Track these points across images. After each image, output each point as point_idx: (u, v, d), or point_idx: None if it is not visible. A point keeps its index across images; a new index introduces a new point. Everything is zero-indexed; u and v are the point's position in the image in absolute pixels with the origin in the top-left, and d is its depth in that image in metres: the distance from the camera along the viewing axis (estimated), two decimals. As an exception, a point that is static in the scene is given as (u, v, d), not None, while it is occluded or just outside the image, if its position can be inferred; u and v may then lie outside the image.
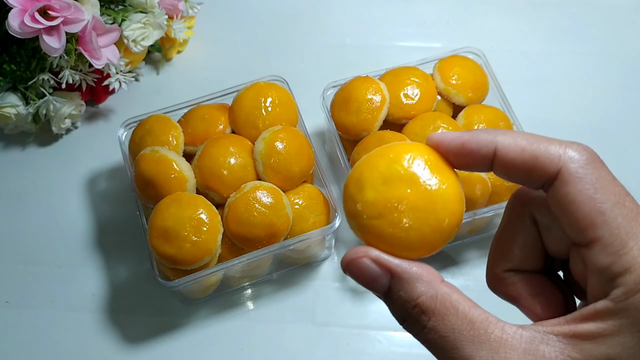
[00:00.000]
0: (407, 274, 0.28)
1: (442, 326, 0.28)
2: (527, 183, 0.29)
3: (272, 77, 0.63)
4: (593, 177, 0.27)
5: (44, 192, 0.68)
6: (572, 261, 0.29)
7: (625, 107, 0.73)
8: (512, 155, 0.28)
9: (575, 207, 0.27)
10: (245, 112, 0.60)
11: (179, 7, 0.70)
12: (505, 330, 0.27)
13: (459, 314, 0.28)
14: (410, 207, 0.29)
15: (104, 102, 0.73)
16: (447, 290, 0.28)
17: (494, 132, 0.29)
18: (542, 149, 0.28)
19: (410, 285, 0.28)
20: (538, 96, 0.74)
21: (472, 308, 0.28)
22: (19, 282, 0.64)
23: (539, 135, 0.29)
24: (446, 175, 0.30)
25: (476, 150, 0.29)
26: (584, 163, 0.27)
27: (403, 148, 0.30)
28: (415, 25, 0.79)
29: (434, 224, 0.29)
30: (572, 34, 0.78)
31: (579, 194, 0.27)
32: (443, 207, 0.29)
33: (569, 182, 0.27)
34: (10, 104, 0.64)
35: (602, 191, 0.27)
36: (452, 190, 0.30)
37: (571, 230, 0.27)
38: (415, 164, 0.30)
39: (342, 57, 0.77)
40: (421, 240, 0.29)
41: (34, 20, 0.56)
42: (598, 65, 0.76)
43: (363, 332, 0.61)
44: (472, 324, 0.27)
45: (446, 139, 0.30)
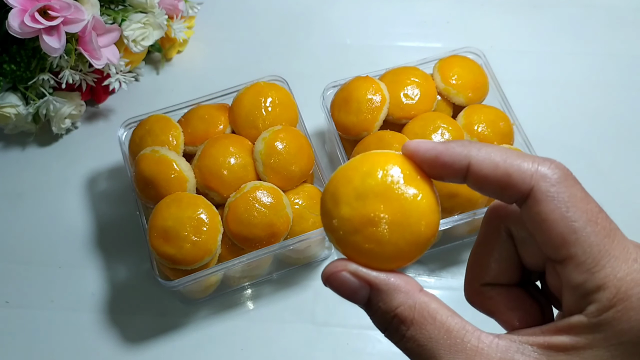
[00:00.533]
0: (386, 286, 0.29)
1: (420, 335, 0.28)
2: (500, 198, 0.29)
3: (272, 77, 0.63)
4: (565, 195, 0.27)
5: (44, 192, 0.68)
6: (548, 275, 0.30)
7: (625, 107, 0.73)
8: (485, 171, 0.28)
9: (548, 226, 0.27)
10: (245, 112, 0.60)
11: (179, 7, 0.70)
12: (482, 339, 0.28)
13: (437, 323, 0.28)
14: (385, 222, 0.29)
15: (104, 102, 0.73)
16: (425, 300, 0.29)
17: (469, 146, 0.29)
18: (514, 166, 0.28)
19: (389, 296, 0.29)
20: (538, 96, 0.74)
21: (450, 317, 0.28)
22: (19, 282, 0.64)
23: (513, 151, 0.29)
24: (420, 186, 0.30)
25: (450, 163, 0.29)
26: (555, 181, 0.27)
27: (377, 159, 0.30)
28: (415, 25, 0.79)
29: (409, 237, 0.29)
30: (572, 34, 0.78)
31: (551, 212, 0.27)
32: (418, 219, 0.29)
33: (541, 201, 0.27)
34: (10, 104, 0.64)
35: (574, 209, 0.27)
36: (426, 201, 0.29)
37: (545, 247, 0.28)
38: (389, 177, 0.29)
39: (342, 57, 0.77)
40: (398, 253, 0.29)
41: (34, 20, 0.56)
42: (598, 65, 0.76)
43: (363, 332, 0.61)
44: (449, 333, 0.28)
45: (421, 149, 0.30)
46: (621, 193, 0.68)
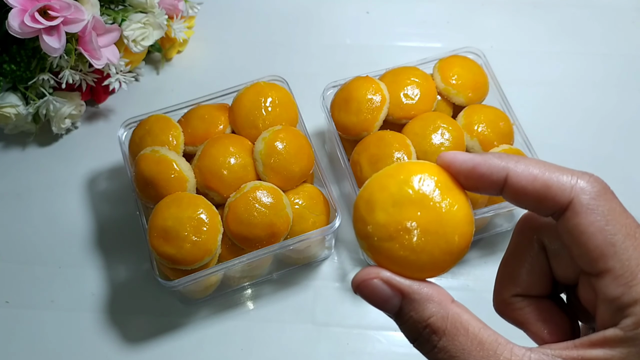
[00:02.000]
0: (418, 295, 0.29)
1: (452, 346, 0.28)
2: (537, 210, 0.29)
3: (272, 77, 0.63)
4: (605, 209, 0.27)
5: (44, 192, 0.68)
6: (581, 288, 0.30)
7: (625, 107, 0.73)
8: (523, 183, 0.28)
9: (587, 238, 0.27)
10: (245, 112, 0.60)
11: (179, 7, 0.70)
12: (514, 352, 0.27)
13: (469, 335, 0.28)
14: (421, 230, 0.29)
15: (104, 102, 0.73)
16: (457, 311, 0.29)
17: (507, 158, 0.29)
18: (554, 179, 0.28)
19: (422, 306, 0.29)
20: (538, 96, 0.74)
21: (482, 329, 0.28)
22: (19, 282, 0.64)
23: (551, 164, 0.29)
24: (456, 197, 0.30)
25: (487, 174, 0.29)
26: (595, 195, 0.28)
27: (413, 168, 0.30)
28: (415, 25, 0.79)
29: (444, 246, 0.29)
30: (572, 34, 0.78)
31: (591, 225, 0.27)
32: (453, 229, 0.29)
33: (580, 214, 0.27)
34: (10, 104, 0.64)
35: (614, 223, 0.27)
36: (462, 212, 0.30)
37: (582, 260, 0.28)
38: (425, 185, 0.30)
39: (342, 57, 0.77)
40: (432, 262, 0.29)
41: (34, 20, 0.56)
42: (598, 65, 0.76)
43: (363, 332, 0.61)
44: (482, 345, 0.28)
45: (457, 160, 0.30)
46: (621, 193, 0.68)
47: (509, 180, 0.29)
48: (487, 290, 0.34)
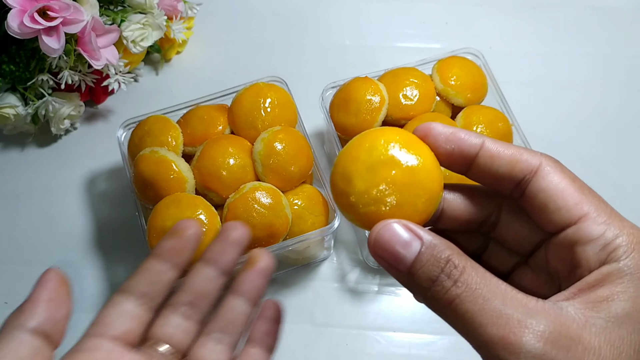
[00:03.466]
0: (439, 240, 0.30)
1: (473, 280, 0.28)
2: (504, 180, 0.32)
3: (271, 77, 0.63)
4: (566, 170, 0.31)
5: (43, 192, 0.68)
6: (548, 253, 0.32)
7: (625, 107, 0.73)
8: (500, 148, 0.31)
9: (561, 191, 0.30)
10: (245, 113, 0.60)
11: (178, 8, 0.70)
12: (529, 297, 0.28)
13: (487, 275, 0.29)
14: (399, 186, 0.32)
15: (103, 103, 0.73)
16: (472, 260, 0.30)
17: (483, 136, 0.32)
18: (523, 150, 0.32)
19: (442, 247, 0.29)
20: (537, 97, 0.74)
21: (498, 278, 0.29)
22: (18, 282, 0.63)
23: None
24: (420, 150, 0.32)
25: (466, 139, 0.32)
26: (556, 161, 0.32)
27: (376, 134, 0.33)
28: (414, 26, 0.79)
29: (422, 194, 0.32)
30: (572, 34, 0.79)
31: (562, 180, 0.30)
32: (426, 177, 0.32)
33: (551, 173, 0.31)
34: (9, 104, 0.64)
35: (577, 180, 0.31)
36: (429, 161, 0.32)
37: (557, 214, 0.30)
38: (391, 147, 0.32)
39: (341, 57, 0.77)
40: (416, 212, 0.32)
41: (33, 21, 0.56)
42: (598, 65, 0.76)
43: (362, 333, 0.61)
44: (500, 286, 0.28)
45: (436, 128, 0.33)
46: (621, 193, 0.68)
47: (486, 146, 0.31)
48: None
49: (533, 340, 0.27)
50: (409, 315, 0.62)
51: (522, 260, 0.34)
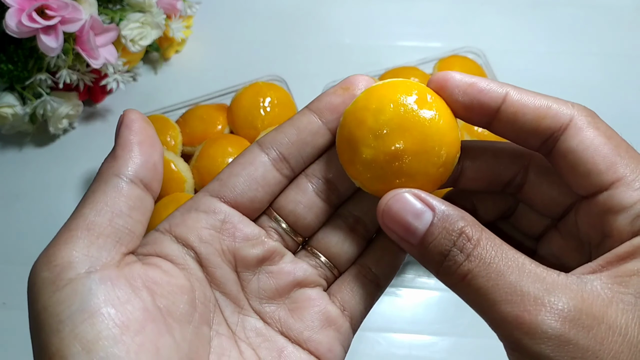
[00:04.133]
0: (453, 209, 0.27)
1: (488, 254, 0.26)
2: (532, 134, 0.28)
3: (270, 77, 0.63)
4: (603, 125, 0.28)
5: (41, 192, 0.68)
6: (577, 217, 0.29)
7: (625, 107, 0.73)
8: (525, 100, 0.28)
9: (594, 151, 0.27)
10: (244, 112, 0.60)
11: (177, 7, 0.69)
12: (550, 271, 0.26)
13: (504, 247, 0.26)
14: (410, 153, 0.29)
15: (102, 102, 0.72)
16: (488, 230, 0.27)
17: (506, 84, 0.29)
18: (552, 100, 0.28)
19: (455, 218, 0.27)
20: (538, 96, 0.74)
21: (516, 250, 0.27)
22: (17, 283, 0.63)
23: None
24: (434, 109, 0.29)
25: (486, 90, 0.28)
26: (592, 114, 0.28)
27: (384, 93, 0.30)
28: (414, 25, 0.79)
29: (436, 161, 0.29)
30: (572, 34, 0.78)
31: (595, 138, 0.27)
32: (440, 142, 0.29)
33: (583, 129, 0.28)
34: (7, 104, 0.64)
35: (615, 137, 0.28)
36: (445, 123, 0.29)
37: (588, 177, 0.27)
38: (401, 107, 0.29)
39: (341, 56, 0.77)
40: (429, 180, 0.29)
41: (32, 20, 0.56)
42: (598, 65, 0.76)
43: (362, 334, 0.60)
44: (517, 258, 0.26)
45: (455, 78, 0.29)
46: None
47: (509, 98, 0.28)
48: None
49: (550, 320, 0.24)
50: (410, 316, 0.61)
51: (553, 224, 0.31)
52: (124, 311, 0.25)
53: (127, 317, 0.24)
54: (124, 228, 0.27)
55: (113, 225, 0.27)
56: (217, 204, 0.30)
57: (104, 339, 0.24)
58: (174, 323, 0.26)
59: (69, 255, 0.25)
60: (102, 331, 0.24)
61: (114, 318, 0.24)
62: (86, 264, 0.25)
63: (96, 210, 0.27)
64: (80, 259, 0.25)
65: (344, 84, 0.31)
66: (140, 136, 0.29)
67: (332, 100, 0.31)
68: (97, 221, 0.27)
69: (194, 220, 0.29)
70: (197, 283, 0.29)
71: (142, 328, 0.25)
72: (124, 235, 0.27)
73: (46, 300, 0.24)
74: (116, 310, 0.24)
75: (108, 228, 0.27)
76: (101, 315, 0.24)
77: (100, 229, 0.26)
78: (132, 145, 0.29)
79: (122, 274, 0.26)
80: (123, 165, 0.28)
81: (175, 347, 0.26)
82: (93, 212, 0.27)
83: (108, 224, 0.27)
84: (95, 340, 0.23)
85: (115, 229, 0.27)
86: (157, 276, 0.27)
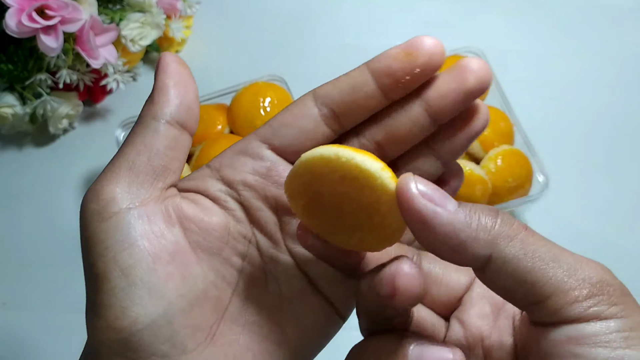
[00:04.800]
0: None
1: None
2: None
3: (270, 76, 0.63)
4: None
5: (41, 192, 0.68)
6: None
7: (625, 107, 0.73)
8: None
9: (523, 266, 0.26)
10: (244, 112, 0.59)
11: (177, 7, 0.69)
12: None
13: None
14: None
15: (102, 102, 0.72)
16: None
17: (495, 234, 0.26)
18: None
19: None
20: (538, 96, 0.74)
21: None
22: (16, 283, 0.63)
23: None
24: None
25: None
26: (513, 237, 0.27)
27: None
28: (415, 25, 0.79)
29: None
30: (572, 34, 0.78)
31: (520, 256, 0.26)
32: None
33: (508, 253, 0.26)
34: (7, 104, 0.64)
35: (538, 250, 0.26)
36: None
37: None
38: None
39: (341, 56, 0.76)
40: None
41: (32, 20, 0.56)
42: (598, 65, 0.76)
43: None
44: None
45: (437, 219, 0.25)
46: (622, 192, 0.67)
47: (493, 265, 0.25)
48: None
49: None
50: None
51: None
52: (157, 244, 0.28)
53: (159, 249, 0.28)
54: (161, 166, 0.30)
55: (151, 164, 0.29)
56: (265, 151, 0.31)
57: (139, 267, 0.27)
58: (202, 255, 0.30)
59: (113, 192, 0.29)
60: (138, 260, 0.28)
61: (148, 249, 0.28)
62: (127, 200, 0.29)
63: (136, 151, 0.30)
64: (122, 196, 0.29)
65: (407, 47, 0.31)
66: (175, 78, 0.31)
67: (393, 65, 0.31)
68: (137, 160, 0.29)
69: (241, 163, 0.31)
70: (233, 221, 0.31)
71: (172, 259, 0.28)
72: (162, 173, 0.30)
73: (94, 228, 0.29)
74: (150, 243, 0.28)
75: (147, 167, 0.29)
76: (137, 247, 0.28)
77: (139, 167, 0.29)
78: (168, 89, 0.30)
79: (159, 210, 0.29)
80: (159, 109, 0.30)
81: (201, 275, 0.29)
82: (134, 152, 0.30)
83: (147, 163, 0.29)
84: (132, 267, 0.27)
85: (153, 167, 0.30)
86: (191, 212, 0.30)
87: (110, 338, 0.28)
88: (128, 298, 0.28)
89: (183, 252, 0.29)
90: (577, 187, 0.67)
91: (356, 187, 0.26)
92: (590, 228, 0.64)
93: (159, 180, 0.30)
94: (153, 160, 0.29)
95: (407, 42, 0.31)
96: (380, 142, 0.32)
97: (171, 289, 0.28)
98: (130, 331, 0.27)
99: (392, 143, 0.31)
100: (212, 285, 0.30)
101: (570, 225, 0.65)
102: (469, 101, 0.32)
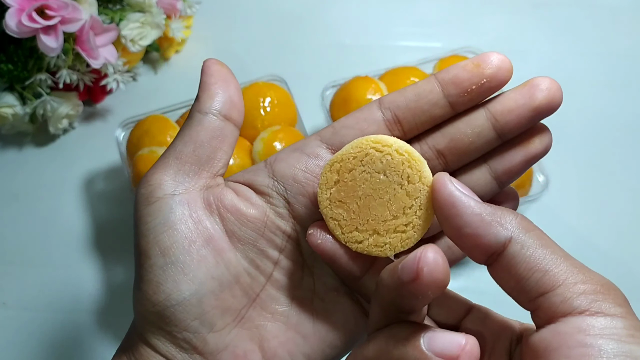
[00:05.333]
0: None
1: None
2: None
3: (270, 76, 0.63)
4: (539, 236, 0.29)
5: (41, 192, 0.68)
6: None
7: (625, 106, 0.73)
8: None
9: (533, 261, 0.28)
10: (244, 112, 0.59)
11: (177, 7, 0.69)
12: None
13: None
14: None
15: (102, 102, 0.72)
16: None
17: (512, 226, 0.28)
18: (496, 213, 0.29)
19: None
20: (538, 96, 0.74)
21: None
22: (16, 283, 0.63)
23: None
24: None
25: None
26: (527, 229, 0.29)
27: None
28: (415, 25, 0.79)
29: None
30: (572, 34, 0.78)
31: (534, 250, 0.28)
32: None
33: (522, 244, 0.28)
34: (7, 104, 0.64)
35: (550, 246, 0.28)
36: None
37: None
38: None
39: (341, 56, 0.77)
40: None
41: (32, 20, 0.56)
42: (598, 65, 0.76)
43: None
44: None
45: (467, 207, 0.27)
46: (622, 192, 0.67)
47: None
48: (487, 291, 0.33)
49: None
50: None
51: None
52: (194, 229, 0.31)
53: (196, 234, 0.31)
54: (206, 156, 0.32)
55: (196, 154, 0.32)
56: (322, 150, 0.33)
57: (176, 248, 0.30)
58: (238, 243, 0.32)
59: (161, 179, 0.31)
60: (175, 242, 0.30)
61: (184, 233, 0.31)
62: (172, 186, 0.31)
63: (183, 142, 0.32)
64: (168, 183, 0.31)
65: (476, 59, 0.31)
66: (215, 77, 0.34)
67: (460, 74, 0.31)
68: (184, 151, 0.32)
69: (296, 160, 0.33)
70: (272, 215, 0.33)
71: (206, 244, 0.31)
72: (206, 162, 0.32)
73: (141, 210, 0.31)
74: (187, 227, 0.31)
75: (192, 157, 0.32)
76: (176, 230, 0.30)
77: (186, 157, 0.32)
78: (210, 86, 0.33)
79: (200, 198, 0.32)
80: (203, 104, 0.33)
81: (234, 261, 0.32)
82: (181, 143, 0.32)
83: (192, 153, 0.32)
84: (170, 247, 0.30)
85: (199, 157, 0.32)
86: (230, 203, 0.32)
87: (147, 310, 0.31)
88: (164, 275, 0.30)
89: (218, 238, 0.31)
90: (577, 187, 0.67)
91: (394, 176, 0.29)
92: (590, 228, 0.65)
93: (203, 169, 0.32)
94: (198, 151, 0.32)
95: (477, 55, 0.32)
96: (442, 151, 0.32)
97: (203, 271, 0.30)
98: (164, 305, 0.30)
99: (453, 153, 0.32)
100: (245, 272, 0.32)
101: (570, 225, 0.65)
102: (535, 119, 0.33)
